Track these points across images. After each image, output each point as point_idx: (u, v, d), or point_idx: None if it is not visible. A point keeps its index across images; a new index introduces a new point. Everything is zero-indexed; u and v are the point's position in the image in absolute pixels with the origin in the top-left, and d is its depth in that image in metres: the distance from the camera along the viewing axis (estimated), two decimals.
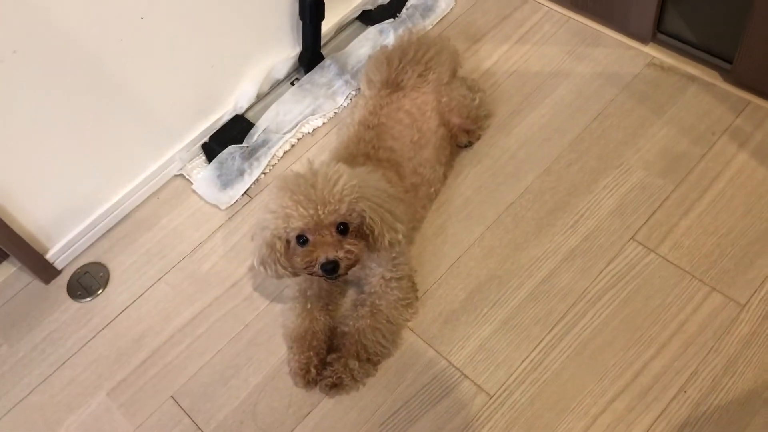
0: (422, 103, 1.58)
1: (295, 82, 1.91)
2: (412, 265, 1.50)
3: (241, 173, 1.74)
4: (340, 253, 1.25)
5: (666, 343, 1.35)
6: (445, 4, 2.01)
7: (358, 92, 1.84)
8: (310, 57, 1.89)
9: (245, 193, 1.74)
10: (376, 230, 1.29)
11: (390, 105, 1.56)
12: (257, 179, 1.75)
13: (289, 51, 1.90)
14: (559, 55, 1.84)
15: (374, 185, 1.33)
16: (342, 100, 1.86)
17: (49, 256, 1.65)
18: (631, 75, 1.76)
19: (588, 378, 1.34)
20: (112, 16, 1.46)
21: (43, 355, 1.56)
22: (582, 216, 1.55)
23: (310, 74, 1.89)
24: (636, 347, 1.36)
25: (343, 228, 1.26)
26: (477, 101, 1.66)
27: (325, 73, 1.89)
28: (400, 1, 2.03)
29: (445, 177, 1.64)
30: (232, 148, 1.77)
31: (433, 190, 1.59)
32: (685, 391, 1.30)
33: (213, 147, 1.80)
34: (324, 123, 1.84)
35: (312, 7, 1.77)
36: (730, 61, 1.67)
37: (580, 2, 1.87)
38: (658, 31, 1.78)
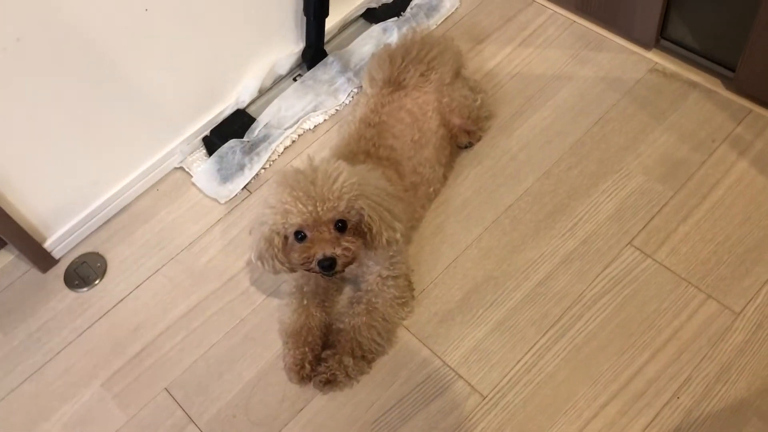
0: (424, 102, 1.58)
1: (298, 78, 1.91)
2: (409, 264, 1.50)
3: (241, 168, 1.74)
4: (338, 250, 1.25)
5: (660, 349, 1.36)
6: (449, 3, 2.01)
7: (360, 90, 1.84)
8: (313, 53, 1.89)
9: (245, 187, 1.74)
10: (374, 228, 1.29)
11: (391, 103, 1.56)
12: (257, 174, 1.75)
13: (293, 47, 1.90)
14: (563, 58, 1.85)
15: (374, 183, 1.33)
16: (344, 98, 1.86)
17: (47, 245, 1.65)
18: (634, 80, 1.76)
19: (581, 381, 1.34)
20: (116, 7, 1.46)
21: (38, 343, 1.56)
22: (580, 220, 1.55)
23: (312, 71, 1.90)
24: (630, 352, 1.36)
25: (341, 225, 1.27)
26: (478, 102, 1.66)
27: (327, 69, 1.89)
28: (404, 0, 2.04)
29: (445, 177, 1.64)
30: (232, 142, 1.78)
31: (432, 190, 1.59)
32: (678, 398, 1.30)
33: (214, 141, 1.81)
34: (325, 120, 1.84)
35: (316, 3, 1.78)
36: (732, 69, 1.67)
37: (585, 6, 1.87)
38: (662, 38, 1.79)
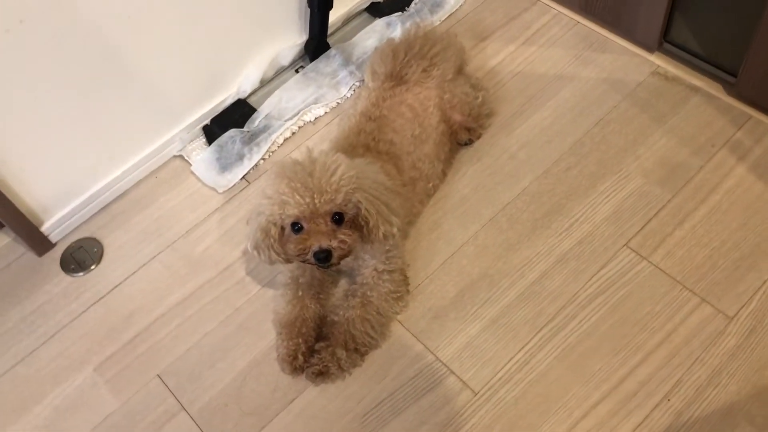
0: (425, 98, 1.58)
1: (300, 69, 1.91)
2: (405, 259, 1.50)
3: (241, 157, 1.75)
4: (334, 243, 1.25)
5: (653, 351, 1.36)
6: (453, 0, 2.01)
7: (361, 83, 1.84)
8: (316, 45, 1.89)
9: (243, 177, 1.74)
10: (371, 222, 1.29)
11: (393, 98, 1.56)
12: (256, 164, 1.75)
13: (296, 38, 1.90)
14: (565, 58, 1.85)
15: (372, 177, 1.33)
16: (345, 91, 1.86)
17: (44, 229, 1.65)
18: (635, 82, 1.77)
19: (573, 381, 1.35)
20: None
21: (32, 326, 1.56)
22: (577, 220, 1.55)
23: (315, 63, 1.89)
24: (623, 353, 1.37)
25: (338, 218, 1.27)
26: (480, 99, 1.66)
27: (330, 62, 1.89)
28: None
29: (444, 173, 1.65)
30: (232, 131, 1.78)
31: (431, 186, 1.59)
32: (669, 400, 1.30)
33: (214, 130, 1.81)
34: (326, 112, 1.84)
35: None
36: (734, 74, 1.67)
37: (589, 7, 1.87)
38: (665, 41, 1.79)
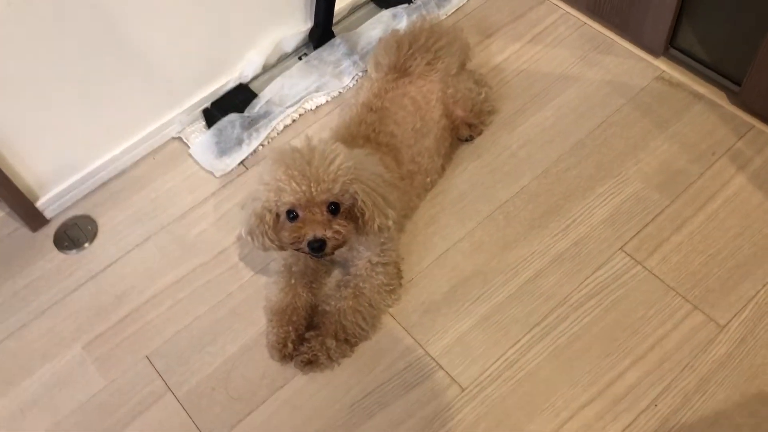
0: (428, 91, 1.57)
1: (303, 57, 1.90)
2: (399, 252, 1.50)
3: (240, 142, 1.74)
4: (328, 233, 1.25)
5: (642, 356, 1.36)
6: None
7: (365, 74, 1.83)
8: (321, 33, 1.88)
9: (241, 162, 1.73)
10: (367, 214, 1.29)
11: (395, 90, 1.56)
12: (255, 150, 1.75)
13: (301, 25, 1.89)
14: (570, 58, 1.84)
15: (370, 169, 1.32)
16: (348, 81, 1.85)
17: (39, 204, 1.65)
18: (639, 87, 1.76)
19: (561, 382, 1.35)
20: None
21: (23, 302, 1.56)
22: (574, 221, 1.55)
23: (318, 51, 1.88)
24: (612, 357, 1.36)
25: (334, 208, 1.26)
26: (483, 96, 1.66)
27: (334, 51, 1.88)
28: None
29: (443, 168, 1.64)
30: (232, 116, 1.77)
31: (429, 180, 1.58)
32: (656, 405, 1.31)
33: (214, 113, 1.80)
34: (327, 101, 1.83)
35: None
36: (738, 83, 1.66)
37: (597, 9, 1.86)
38: (671, 46, 1.78)
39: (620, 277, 1.46)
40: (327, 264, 1.52)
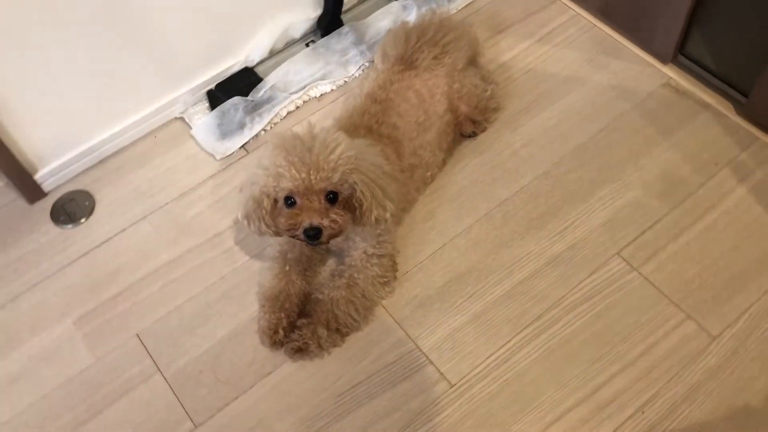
0: (433, 85, 1.56)
1: (310, 44, 1.89)
2: (395, 245, 1.49)
3: (242, 126, 1.73)
4: (325, 221, 1.24)
5: (632, 363, 1.36)
6: None
7: (371, 64, 1.82)
8: (329, 21, 1.87)
9: (243, 146, 1.73)
10: (365, 204, 1.28)
11: (401, 82, 1.55)
12: (257, 135, 1.74)
13: (309, 12, 1.88)
14: (578, 60, 1.83)
15: (370, 159, 1.32)
16: (354, 70, 1.84)
17: (37, 177, 1.64)
18: (646, 93, 1.75)
19: (549, 384, 1.35)
20: None
21: (16, 273, 1.55)
22: (572, 224, 1.55)
23: (326, 38, 1.87)
24: (602, 361, 1.36)
25: (332, 197, 1.26)
26: (488, 93, 1.65)
27: (341, 39, 1.87)
28: None
29: (444, 163, 1.63)
30: (236, 99, 1.76)
31: (429, 174, 1.58)
32: (643, 412, 1.30)
33: (218, 95, 1.79)
34: (332, 89, 1.82)
35: None
36: (746, 94, 1.66)
37: (608, 12, 1.85)
38: (680, 53, 1.77)
39: (614, 283, 1.46)
40: (322, 252, 1.51)
